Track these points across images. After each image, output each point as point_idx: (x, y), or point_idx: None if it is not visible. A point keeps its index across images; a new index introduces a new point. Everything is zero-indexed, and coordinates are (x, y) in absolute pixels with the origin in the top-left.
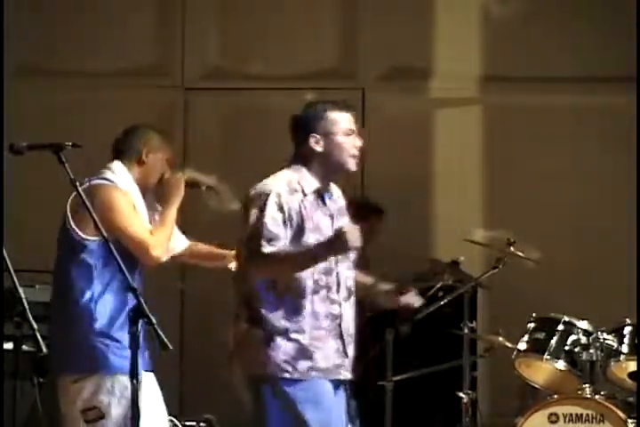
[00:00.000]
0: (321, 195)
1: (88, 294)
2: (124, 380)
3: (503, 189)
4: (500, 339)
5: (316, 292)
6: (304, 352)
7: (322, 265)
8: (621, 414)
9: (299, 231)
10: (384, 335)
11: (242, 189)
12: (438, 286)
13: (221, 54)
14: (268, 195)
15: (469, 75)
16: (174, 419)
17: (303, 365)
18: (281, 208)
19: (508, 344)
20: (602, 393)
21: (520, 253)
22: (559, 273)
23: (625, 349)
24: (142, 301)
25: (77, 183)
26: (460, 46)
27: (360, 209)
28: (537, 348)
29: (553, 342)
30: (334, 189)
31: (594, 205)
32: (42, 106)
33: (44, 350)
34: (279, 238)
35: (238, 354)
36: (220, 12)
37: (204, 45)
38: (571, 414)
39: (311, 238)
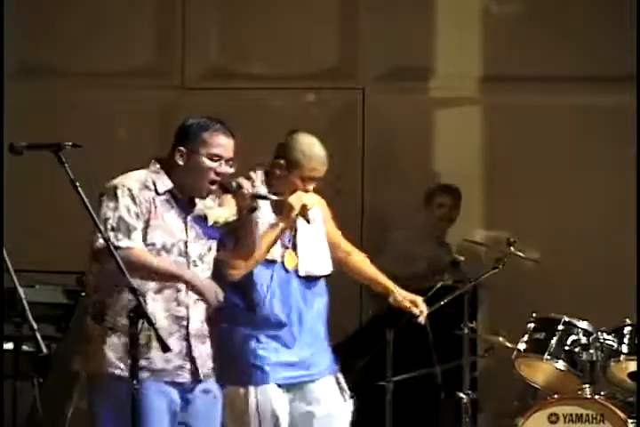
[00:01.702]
0: (175, 197)
1: None
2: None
3: (503, 189)
4: (500, 339)
5: (159, 291)
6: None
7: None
8: (621, 414)
9: (145, 227)
10: (384, 335)
11: None
12: (438, 286)
13: (221, 54)
14: (119, 188)
15: (469, 75)
16: None
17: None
18: (134, 201)
19: (508, 344)
20: (602, 393)
21: (520, 253)
22: (559, 273)
23: (625, 349)
24: (142, 301)
25: (77, 183)
26: (460, 46)
27: (438, 190)
28: (537, 348)
29: (553, 342)
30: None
31: (594, 205)
32: (42, 106)
33: (44, 350)
34: (135, 229)
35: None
36: (220, 12)
37: (204, 45)
38: (571, 415)
39: (157, 237)
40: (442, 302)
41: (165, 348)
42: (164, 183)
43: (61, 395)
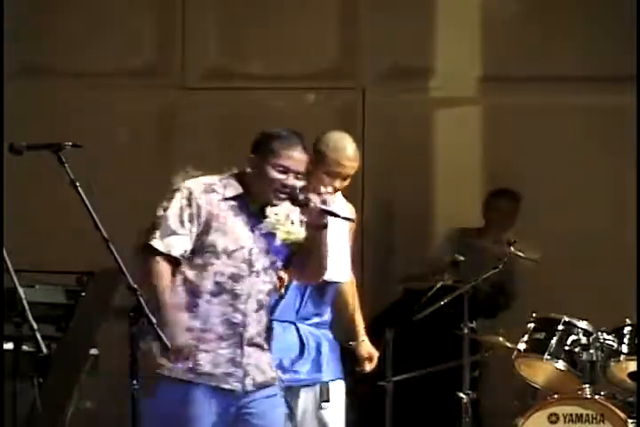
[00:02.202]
0: (245, 204)
1: None
2: None
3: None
4: (500, 339)
5: (215, 294)
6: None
7: (229, 269)
8: (621, 414)
9: (205, 229)
10: (384, 335)
11: None
12: (438, 286)
13: (221, 54)
14: (179, 191)
15: (469, 75)
16: None
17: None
18: (189, 203)
19: (508, 344)
20: (602, 393)
21: (520, 253)
22: (559, 273)
23: (625, 349)
24: (142, 301)
25: (77, 183)
26: (460, 46)
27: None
28: (537, 348)
29: (553, 342)
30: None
31: (594, 205)
32: (42, 106)
33: (44, 350)
34: (176, 234)
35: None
36: (220, 12)
37: (204, 45)
38: (571, 415)
39: (218, 240)
40: (442, 302)
41: (165, 348)
42: (234, 188)
43: (61, 395)
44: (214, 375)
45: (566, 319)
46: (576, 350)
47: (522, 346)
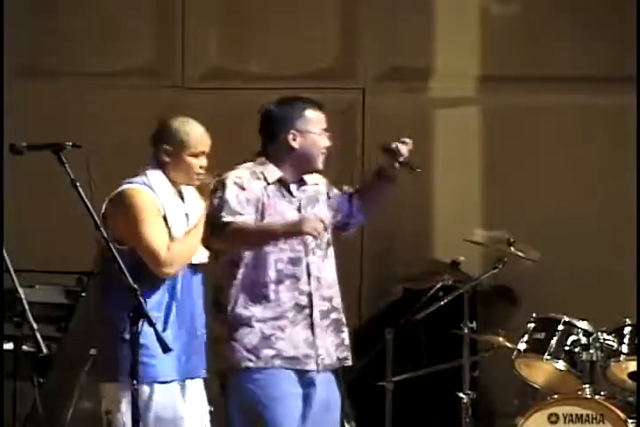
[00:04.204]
0: (286, 185)
1: None
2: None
3: (503, 189)
4: (500, 339)
5: (280, 281)
6: (267, 341)
7: (288, 255)
8: (621, 415)
9: (259, 217)
10: (384, 335)
11: None
12: (438, 286)
13: (221, 54)
14: (228, 178)
15: (469, 75)
16: None
17: (266, 353)
18: (242, 188)
19: (508, 344)
20: (602, 393)
21: (520, 253)
22: (559, 273)
23: (625, 349)
24: (143, 301)
25: (77, 183)
26: (460, 46)
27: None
28: (537, 348)
29: (553, 342)
30: (312, 178)
31: (594, 205)
32: (42, 106)
33: (44, 350)
34: (240, 214)
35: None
36: (220, 12)
37: (204, 45)
38: (571, 415)
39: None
40: (442, 302)
41: (165, 348)
42: (274, 173)
43: (61, 395)
44: (297, 358)
45: (566, 319)
46: (576, 350)
47: (522, 346)
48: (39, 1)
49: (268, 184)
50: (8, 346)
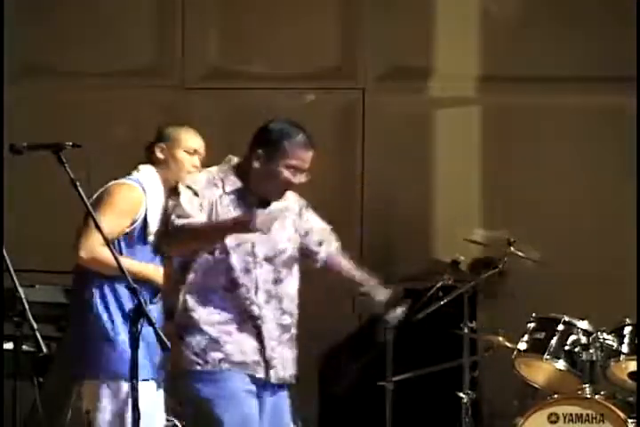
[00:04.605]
0: (244, 197)
1: None
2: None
3: (503, 189)
4: (500, 339)
5: (228, 289)
6: (214, 344)
7: (240, 265)
8: (621, 414)
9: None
10: (384, 335)
11: None
12: (438, 286)
13: (221, 54)
14: (184, 183)
15: (469, 74)
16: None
17: (214, 356)
18: (195, 194)
19: (508, 344)
20: (602, 393)
21: (520, 253)
22: (559, 273)
23: (625, 349)
24: (142, 300)
25: (77, 183)
26: (460, 46)
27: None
28: (537, 348)
29: (553, 342)
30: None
31: (594, 205)
32: (42, 106)
33: (44, 350)
34: (191, 216)
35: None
36: (220, 12)
37: (204, 45)
38: (571, 415)
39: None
40: (442, 302)
41: (165, 347)
42: (233, 182)
43: (61, 395)
44: (245, 363)
45: (566, 319)
46: (576, 349)
47: (522, 346)
48: (39, 1)
49: (225, 193)
50: (8, 346)
